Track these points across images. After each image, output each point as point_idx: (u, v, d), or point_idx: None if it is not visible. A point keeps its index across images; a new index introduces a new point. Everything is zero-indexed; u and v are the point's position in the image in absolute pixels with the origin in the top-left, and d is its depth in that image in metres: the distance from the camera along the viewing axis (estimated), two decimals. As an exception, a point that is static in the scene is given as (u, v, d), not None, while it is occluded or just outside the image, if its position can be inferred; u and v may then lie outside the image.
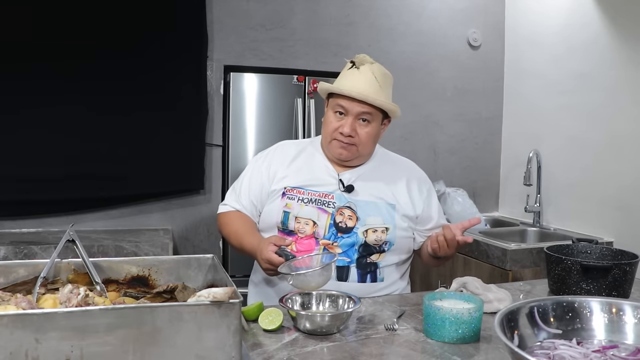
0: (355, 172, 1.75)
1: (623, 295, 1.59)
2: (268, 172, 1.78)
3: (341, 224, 1.67)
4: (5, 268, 1.24)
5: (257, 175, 1.80)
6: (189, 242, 3.04)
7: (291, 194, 1.71)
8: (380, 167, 1.80)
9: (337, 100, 1.68)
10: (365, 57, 1.70)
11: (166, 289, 1.23)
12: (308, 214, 1.68)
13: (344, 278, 1.65)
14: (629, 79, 2.69)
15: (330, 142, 1.71)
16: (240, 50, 3.07)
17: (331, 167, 1.76)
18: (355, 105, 1.65)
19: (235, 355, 1.03)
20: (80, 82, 2.74)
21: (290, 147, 1.85)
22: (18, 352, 0.92)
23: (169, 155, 2.88)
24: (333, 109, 1.70)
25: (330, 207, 1.69)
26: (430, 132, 3.46)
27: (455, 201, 3.14)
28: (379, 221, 1.69)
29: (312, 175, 1.74)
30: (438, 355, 1.22)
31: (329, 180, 1.73)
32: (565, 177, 3.06)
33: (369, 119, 1.67)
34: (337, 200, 1.70)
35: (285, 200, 1.71)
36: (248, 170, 1.85)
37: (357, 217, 1.68)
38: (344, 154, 1.70)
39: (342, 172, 1.75)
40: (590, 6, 2.90)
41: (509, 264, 2.55)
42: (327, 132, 1.71)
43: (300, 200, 1.70)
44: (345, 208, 1.69)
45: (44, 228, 2.79)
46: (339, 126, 1.67)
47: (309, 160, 1.79)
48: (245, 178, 1.83)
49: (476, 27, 3.49)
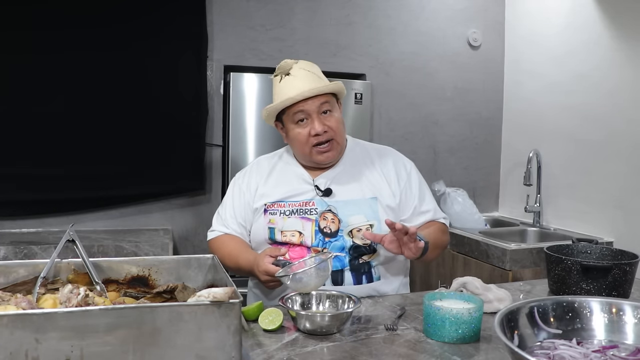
0: (329, 173, 1.73)
1: (623, 295, 1.59)
2: (249, 190, 1.77)
3: (325, 229, 1.66)
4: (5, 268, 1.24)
5: (239, 195, 1.78)
6: (189, 242, 3.05)
7: (272, 209, 1.70)
8: (355, 161, 1.77)
9: (292, 110, 1.64)
10: (287, 62, 1.68)
11: (166, 289, 1.23)
12: (292, 226, 1.67)
13: (339, 282, 1.64)
14: (629, 79, 2.69)
15: (310, 152, 1.67)
16: (240, 50, 3.07)
17: (306, 173, 1.74)
18: (311, 103, 1.63)
19: (235, 355, 1.03)
20: (80, 83, 2.74)
21: (264, 162, 1.83)
22: (18, 352, 0.92)
23: (169, 155, 2.88)
24: (294, 122, 1.66)
25: (313, 214, 1.67)
26: (430, 132, 3.46)
27: (455, 201, 3.14)
28: (361, 219, 1.67)
29: (289, 186, 1.72)
30: (438, 355, 1.22)
31: (307, 187, 1.72)
32: (565, 177, 3.06)
33: (329, 107, 1.66)
34: (318, 206, 1.68)
35: (268, 216, 1.70)
36: (229, 193, 1.82)
37: (339, 219, 1.67)
38: (329, 156, 1.68)
39: (317, 177, 1.73)
40: (590, 6, 2.90)
41: (509, 264, 2.55)
42: (302, 145, 1.67)
43: (282, 214, 1.68)
44: (327, 212, 1.68)
45: (44, 228, 2.79)
46: (309, 131, 1.64)
47: (284, 171, 1.77)
48: (227, 201, 1.80)
49: (476, 27, 3.49)
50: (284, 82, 1.65)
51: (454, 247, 2.94)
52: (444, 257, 3.01)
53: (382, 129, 3.34)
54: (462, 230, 2.95)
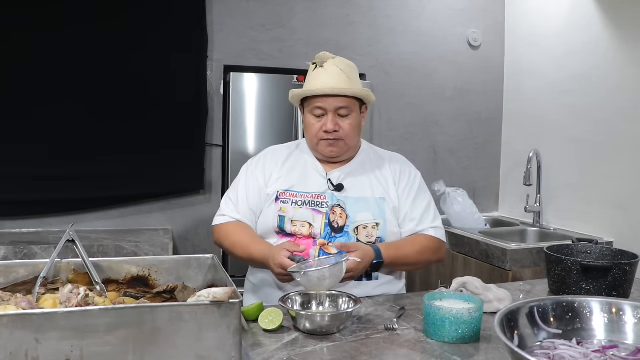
0: (344, 169, 1.76)
1: (623, 295, 1.59)
2: (264, 176, 1.77)
3: (334, 223, 1.67)
4: (5, 268, 1.24)
5: (252, 181, 1.78)
6: (189, 242, 3.04)
7: (284, 197, 1.71)
8: (368, 162, 1.81)
9: (312, 102, 1.69)
10: (326, 54, 1.70)
11: (166, 289, 1.23)
12: (303, 217, 1.68)
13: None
14: (629, 79, 2.69)
15: (318, 144, 1.72)
16: (240, 50, 3.07)
17: (320, 166, 1.76)
18: (331, 102, 1.66)
19: (235, 355, 1.03)
20: (80, 83, 2.74)
21: (282, 150, 1.85)
22: (18, 352, 0.92)
23: (169, 155, 2.88)
24: (311, 112, 1.70)
25: (324, 207, 1.69)
26: (430, 132, 3.46)
27: (455, 201, 3.14)
28: (368, 217, 1.69)
29: (303, 176, 1.74)
30: (438, 355, 1.22)
31: (320, 180, 1.74)
32: (565, 177, 3.06)
33: (347, 111, 1.68)
34: (329, 200, 1.70)
35: (280, 204, 1.70)
36: (241, 178, 1.82)
37: (347, 215, 1.68)
38: (334, 151, 1.71)
39: (331, 171, 1.75)
40: (590, 6, 2.90)
41: (509, 264, 2.55)
42: (312, 135, 1.72)
43: (294, 203, 1.70)
44: (337, 207, 1.69)
45: (44, 228, 2.79)
46: (322, 126, 1.68)
47: (299, 161, 1.79)
48: (240, 186, 1.79)
49: (476, 27, 3.49)
50: (315, 72, 1.70)
51: (454, 247, 2.94)
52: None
53: (382, 129, 3.34)
54: (462, 230, 2.95)
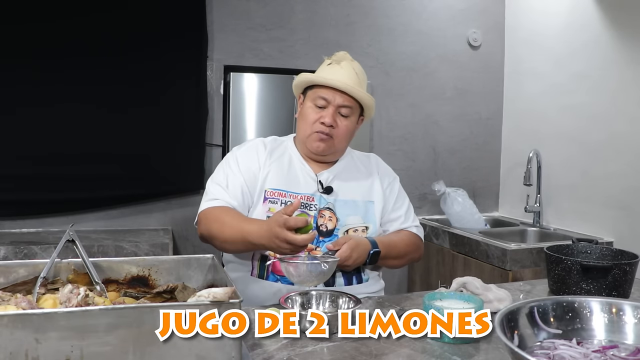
0: (332, 170, 1.74)
1: (623, 295, 1.59)
2: (258, 163, 1.70)
3: (322, 226, 1.65)
4: (5, 268, 1.24)
5: (246, 165, 1.69)
6: (189, 242, 3.04)
7: (273, 197, 1.67)
8: (352, 164, 1.80)
9: (318, 91, 1.66)
10: (346, 55, 1.70)
11: (166, 289, 1.22)
12: None
13: (330, 283, 1.63)
14: (629, 79, 2.69)
15: (310, 136, 1.67)
16: (240, 50, 3.07)
17: (308, 167, 1.73)
18: (337, 96, 1.64)
19: (235, 355, 1.03)
20: (81, 83, 2.74)
21: (270, 142, 1.78)
22: (18, 352, 0.92)
23: (169, 155, 2.88)
24: (313, 101, 1.67)
25: (312, 210, 1.66)
26: (430, 132, 3.46)
27: (455, 201, 3.14)
28: (358, 220, 1.69)
29: (292, 175, 1.71)
30: (438, 355, 1.22)
31: (308, 181, 1.71)
32: (565, 177, 3.06)
33: (349, 112, 1.67)
34: (317, 202, 1.68)
35: (267, 204, 1.66)
36: (229, 163, 1.72)
37: (337, 218, 1.67)
38: (321, 146, 1.67)
39: (320, 172, 1.73)
40: (590, 6, 2.90)
41: (509, 264, 2.55)
42: (307, 125, 1.67)
43: (283, 204, 1.65)
44: (325, 209, 1.67)
45: (44, 228, 2.79)
46: (320, 117, 1.65)
47: (287, 160, 1.74)
48: (230, 170, 1.70)
49: (476, 27, 3.49)
50: (329, 67, 1.68)
51: (454, 247, 2.94)
52: (444, 257, 3.01)
53: (382, 129, 3.34)
54: (462, 230, 2.95)
